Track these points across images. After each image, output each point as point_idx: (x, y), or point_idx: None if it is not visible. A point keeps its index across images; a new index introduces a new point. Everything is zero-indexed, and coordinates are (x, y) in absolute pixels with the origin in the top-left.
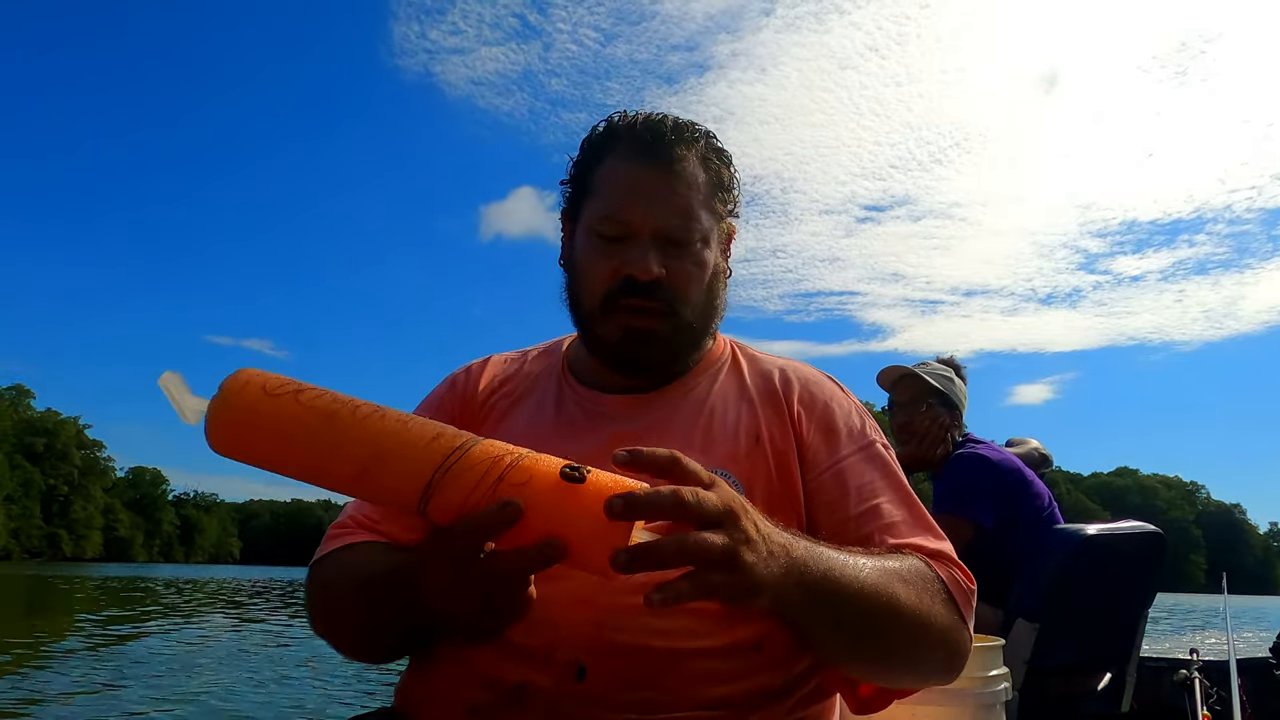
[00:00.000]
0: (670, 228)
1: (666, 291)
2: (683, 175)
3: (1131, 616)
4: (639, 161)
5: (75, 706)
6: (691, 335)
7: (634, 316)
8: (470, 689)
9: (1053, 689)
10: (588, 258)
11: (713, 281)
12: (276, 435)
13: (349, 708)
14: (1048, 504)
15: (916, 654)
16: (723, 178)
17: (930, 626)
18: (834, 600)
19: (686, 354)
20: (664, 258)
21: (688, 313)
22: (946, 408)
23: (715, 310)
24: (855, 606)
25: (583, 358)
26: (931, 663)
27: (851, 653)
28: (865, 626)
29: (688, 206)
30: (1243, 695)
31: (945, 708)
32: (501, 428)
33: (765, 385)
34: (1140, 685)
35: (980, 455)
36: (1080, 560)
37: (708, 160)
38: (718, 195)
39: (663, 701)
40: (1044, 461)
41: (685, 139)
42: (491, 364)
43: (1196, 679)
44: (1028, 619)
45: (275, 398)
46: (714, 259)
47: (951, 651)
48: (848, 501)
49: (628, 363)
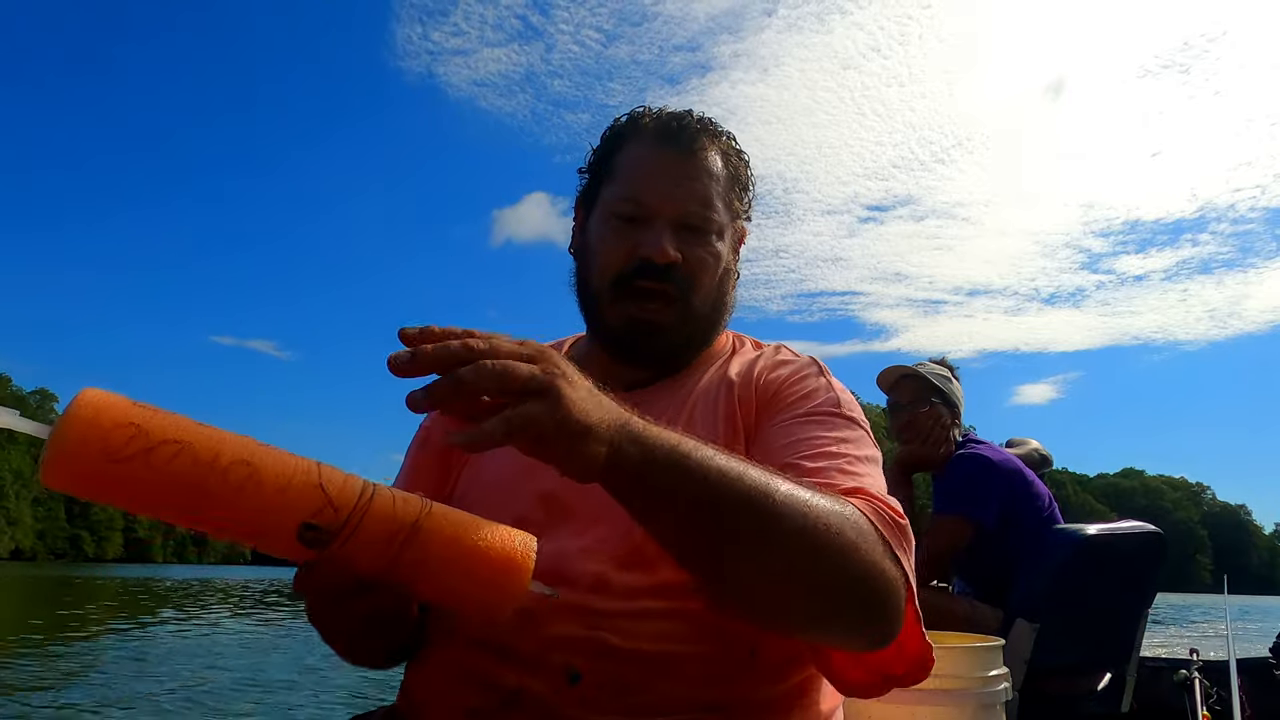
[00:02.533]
0: (689, 214)
1: (680, 277)
2: (704, 164)
3: (1131, 616)
4: (662, 147)
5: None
6: (699, 329)
7: (643, 303)
8: (468, 691)
9: (1053, 689)
10: (603, 239)
11: (724, 278)
12: (129, 499)
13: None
14: (1048, 504)
15: (815, 573)
16: (741, 176)
17: (830, 540)
18: (684, 473)
19: (691, 348)
20: (680, 243)
21: (698, 302)
22: (948, 406)
23: (724, 307)
24: (715, 489)
25: (583, 357)
26: (844, 593)
27: (714, 555)
28: (731, 518)
29: (707, 195)
30: (1243, 695)
31: (945, 708)
32: None
33: (745, 370)
34: (1140, 685)
35: (981, 455)
36: (1080, 560)
37: (729, 156)
38: (735, 193)
39: (656, 706)
40: (1044, 462)
41: (709, 131)
42: None
43: (1196, 679)
44: (1028, 619)
45: (121, 463)
46: (727, 255)
47: (875, 585)
48: (781, 452)
49: (631, 352)
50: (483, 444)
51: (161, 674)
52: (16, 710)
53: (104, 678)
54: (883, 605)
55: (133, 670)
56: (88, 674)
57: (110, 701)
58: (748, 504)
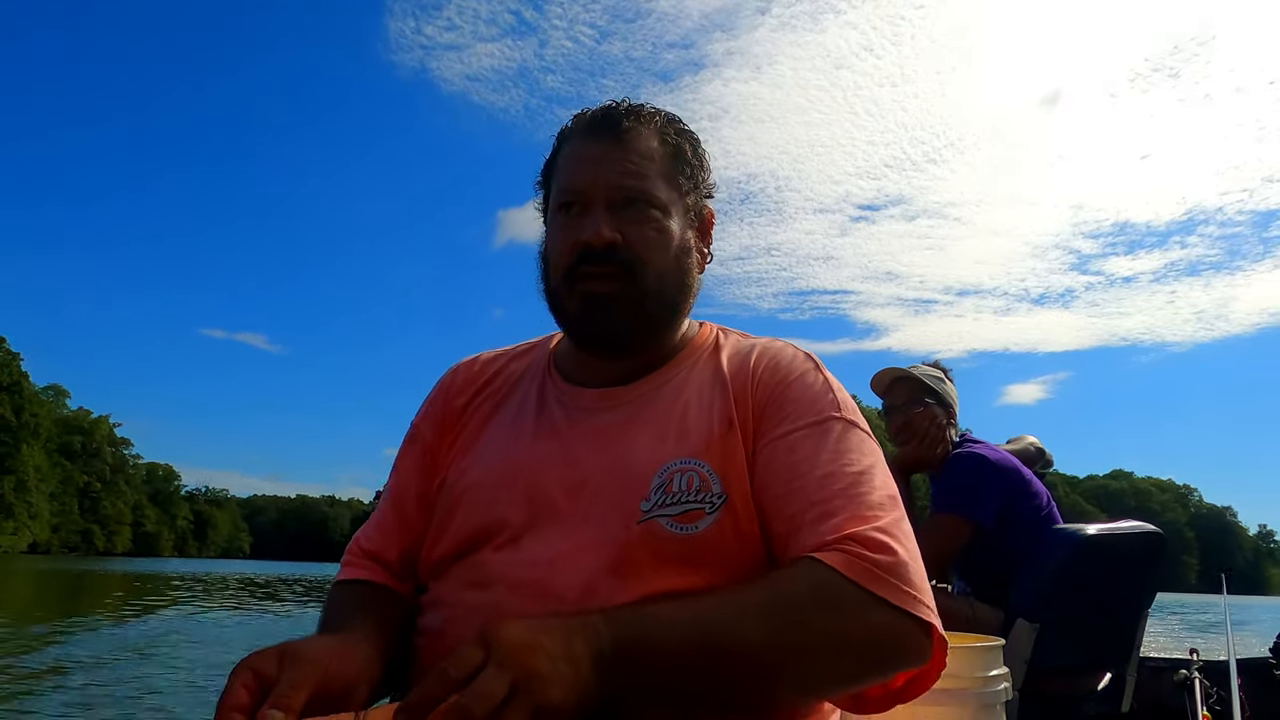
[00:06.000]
0: (620, 189)
1: (623, 256)
2: (633, 144)
3: (1131, 616)
4: (592, 137)
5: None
6: (657, 306)
7: (592, 283)
8: None
9: (1053, 689)
10: (552, 238)
11: (681, 256)
12: None
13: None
14: (1047, 504)
15: (811, 674)
16: (684, 152)
17: (804, 645)
18: (662, 669)
19: (654, 327)
20: (619, 223)
21: (649, 278)
22: (942, 407)
23: (685, 287)
24: (697, 667)
25: (566, 352)
26: (845, 666)
27: (722, 703)
28: (718, 681)
29: (639, 171)
30: (1243, 695)
31: (945, 707)
32: (486, 430)
33: (739, 367)
34: (1140, 685)
35: (979, 455)
36: (1080, 560)
37: (665, 134)
38: (680, 169)
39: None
40: (1040, 456)
41: (638, 115)
42: (474, 364)
43: (1196, 679)
44: (1028, 619)
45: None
46: (681, 232)
47: (871, 648)
48: (779, 477)
49: (591, 335)
50: None
51: (176, 661)
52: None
53: (114, 664)
54: (889, 658)
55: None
56: (98, 661)
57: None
58: (731, 658)
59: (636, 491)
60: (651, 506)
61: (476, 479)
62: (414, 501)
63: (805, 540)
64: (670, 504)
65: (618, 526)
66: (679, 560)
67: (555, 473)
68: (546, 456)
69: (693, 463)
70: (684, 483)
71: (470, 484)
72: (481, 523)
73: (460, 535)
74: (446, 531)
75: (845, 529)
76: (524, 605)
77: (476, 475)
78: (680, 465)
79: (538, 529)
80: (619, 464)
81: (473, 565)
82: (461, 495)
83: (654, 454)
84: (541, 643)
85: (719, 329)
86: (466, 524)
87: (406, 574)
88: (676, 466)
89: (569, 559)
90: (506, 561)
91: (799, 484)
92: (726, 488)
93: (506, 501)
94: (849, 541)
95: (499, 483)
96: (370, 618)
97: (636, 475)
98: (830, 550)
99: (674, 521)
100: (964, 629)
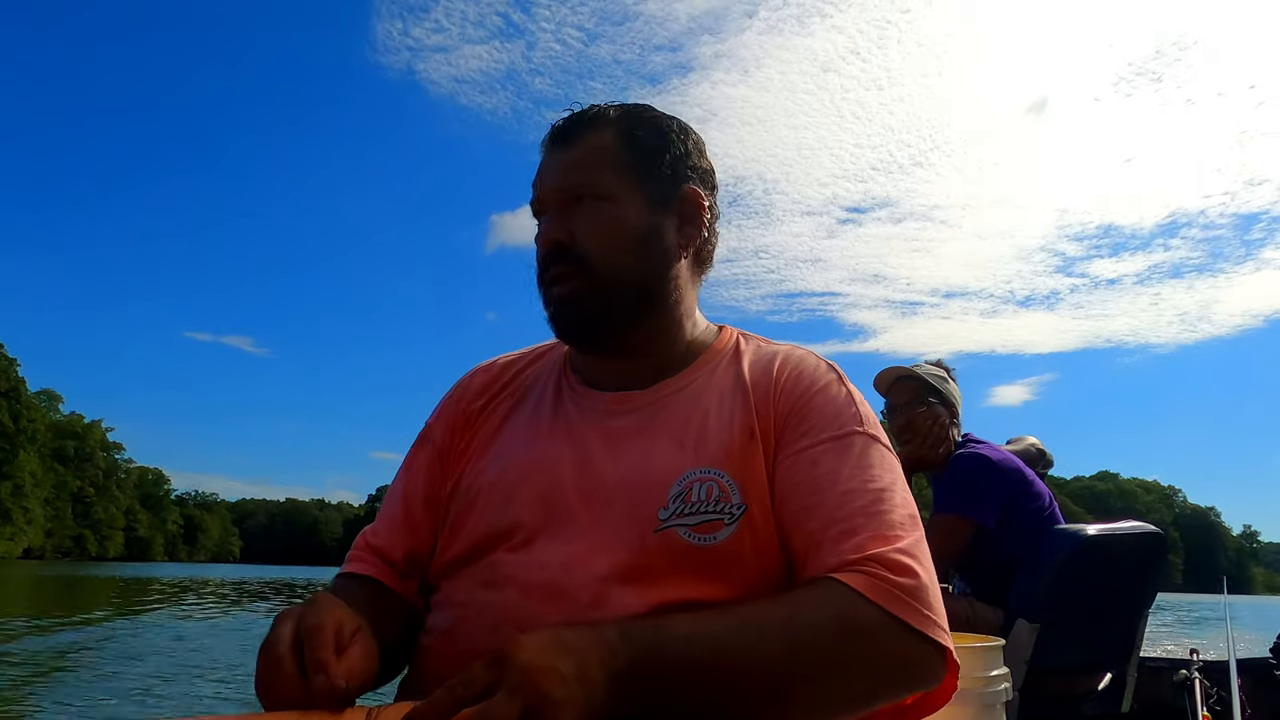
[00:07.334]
0: (564, 189)
1: (574, 253)
2: (584, 144)
3: (1131, 616)
4: (550, 145)
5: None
6: (620, 295)
7: (557, 286)
8: None
9: (1053, 689)
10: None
11: (643, 242)
12: None
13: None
14: (1048, 504)
15: (827, 697)
16: (641, 139)
17: (824, 669)
18: (677, 689)
19: (625, 317)
20: (569, 221)
21: (602, 269)
22: (945, 406)
23: (654, 273)
24: (712, 688)
25: (571, 358)
26: (862, 689)
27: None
28: (741, 698)
29: (582, 165)
30: (1243, 695)
31: (946, 708)
32: (502, 431)
33: (762, 375)
34: (1140, 685)
35: (981, 455)
36: (1080, 560)
37: (622, 128)
38: (640, 158)
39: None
40: (1041, 457)
41: (597, 120)
42: (492, 367)
43: (1196, 679)
44: (1028, 619)
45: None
46: (640, 218)
47: (885, 669)
48: (799, 491)
49: (565, 335)
50: None
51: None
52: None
53: (106, 664)
54: (905, 682)
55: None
56: (90, 661)
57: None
58: (749, 681)
59: (654, 499)
60: (669, 515)
61: (493, 479)
62: (421, 504)
63: (826, 558)
64: (689, 514)
65: (633, 533)
66: (696, 571)
67: (570, 475)
68: (562, 458)
69: (712, 472)
70: (703, 492)
71: (486, 484)
72: (496, 523)
73: (474, 536)
74: (461, 531)
75: (867, 549)
76: (536, 607)
77: (493, 476)
78: (700, 474)
79: (552, 531)
80: (636, 470)
81: (486, 566)
82: (477, 496)
83: (672, 461)
84: (555, 665)
85: (739, 334)
86: (481, 524)
87: (410, 574)
88: (696, 476)
89: (582, 562)
90: (519, 563)
91: (820, 499)
92: (746, 498)
93: (521, 503)
94: (871, 563)
95: (514, 484)
96: (371, 613)
97: (654, 482)
98: (852, 571)
99: (692, 532)
100: (964, 629)
